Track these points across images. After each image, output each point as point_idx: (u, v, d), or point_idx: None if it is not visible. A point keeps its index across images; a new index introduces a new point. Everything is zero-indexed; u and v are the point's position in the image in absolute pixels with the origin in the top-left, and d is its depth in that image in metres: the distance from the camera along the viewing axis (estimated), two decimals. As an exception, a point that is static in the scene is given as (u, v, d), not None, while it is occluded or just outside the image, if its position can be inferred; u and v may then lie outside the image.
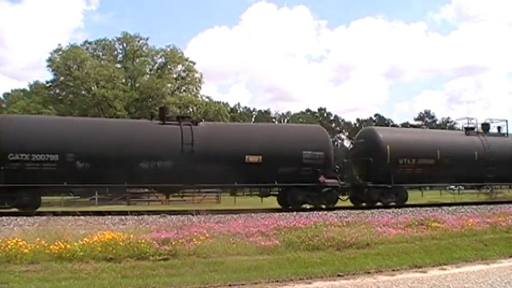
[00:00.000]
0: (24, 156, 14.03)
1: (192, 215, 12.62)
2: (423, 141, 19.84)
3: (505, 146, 21.24)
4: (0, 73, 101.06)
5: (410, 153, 18.77)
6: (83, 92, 38.86)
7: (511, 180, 21.97)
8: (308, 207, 16.99)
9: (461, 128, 22.88)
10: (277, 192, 17.77)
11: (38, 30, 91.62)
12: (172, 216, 13.33)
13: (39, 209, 14.40)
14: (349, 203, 18.54)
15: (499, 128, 22.63)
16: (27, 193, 14.18)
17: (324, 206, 17.00)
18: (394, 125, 67.41)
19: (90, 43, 42.13)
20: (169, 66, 42.12)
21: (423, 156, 18.94)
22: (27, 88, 47.83)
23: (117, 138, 15.47)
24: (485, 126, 22.52)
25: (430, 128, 64.98)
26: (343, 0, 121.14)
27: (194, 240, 8.92)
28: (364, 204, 18.47)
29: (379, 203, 18.28)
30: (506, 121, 22.90)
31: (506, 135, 22.30)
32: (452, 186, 24.01)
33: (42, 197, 15.54)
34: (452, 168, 19.21)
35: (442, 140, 20.47)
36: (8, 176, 13.81)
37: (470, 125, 22.07)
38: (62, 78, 38.67)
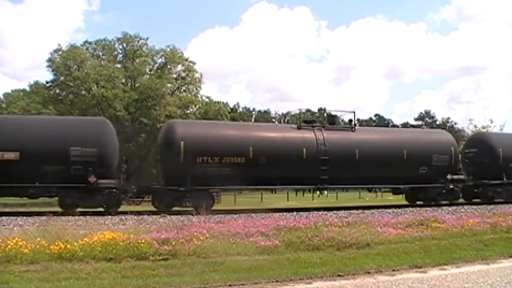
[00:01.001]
0: None
1: (192, 215, 12.63)
2: (232, 136, 16.77)
3: (346, 142, 17.98)
4: (1, 73, 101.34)
5: (212, 150, 15.86)
6: (83, 92, 38.77)
7: (354, 181, 18.82)
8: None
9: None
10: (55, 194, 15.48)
11: (39, 30, 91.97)
12: (172, 216, 13.34)
13: (39, 209, 14.37)
14: (345, 203, 18.38)
15: (350, 120, 19.48)
16: None
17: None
18: (394, 125, 67.48)
19: (90, 43, 42.05)
20: (169, 66, 42.02)
21: (230, 154, 16.07)
22: (27, 88, 47.87)
23: None
24: (330, 118, 20.12)
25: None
26: (344, 1, 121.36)
27: (194, 240, 8.92)
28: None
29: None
30: (354, 112, 19.55)
31: (352, 129, 19.05)
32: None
33: (42, 197, 15.41)
34: (273, 168, 16.44)
35: (259, 135, 17.19)
36: None
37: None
38: (61, 78, 38.58)
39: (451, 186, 19.31)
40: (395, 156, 18.23)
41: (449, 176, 19.16)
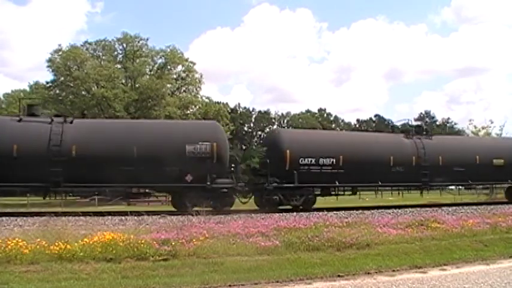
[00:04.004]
0: None
1: (192, 215, 12.62)
2: None
3: None
4: (3, 74, 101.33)
5: None
6: (83, 92, 38.75)
7: None
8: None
9: None
10: None
11: (42, 32, 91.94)
12: (172, 216, 13.34)
13: (39, 210, 14.36)
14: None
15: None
16: None
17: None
18: (394, 126, 67.42)
19: (90, 43, 41.99)
20: (169, 67, 41.98)
21: None
22: (27, 89, 47.89)
23: None
24: None
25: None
26: (345, 2, 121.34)
27: (194, 240, 8.92)
28: None
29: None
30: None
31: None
32: (452, 187, 23.62)
33: (44, 198, 15.32)
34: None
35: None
36: None
37: None
38: (62, 78, 38.58)
39: None
40: None
41: None
